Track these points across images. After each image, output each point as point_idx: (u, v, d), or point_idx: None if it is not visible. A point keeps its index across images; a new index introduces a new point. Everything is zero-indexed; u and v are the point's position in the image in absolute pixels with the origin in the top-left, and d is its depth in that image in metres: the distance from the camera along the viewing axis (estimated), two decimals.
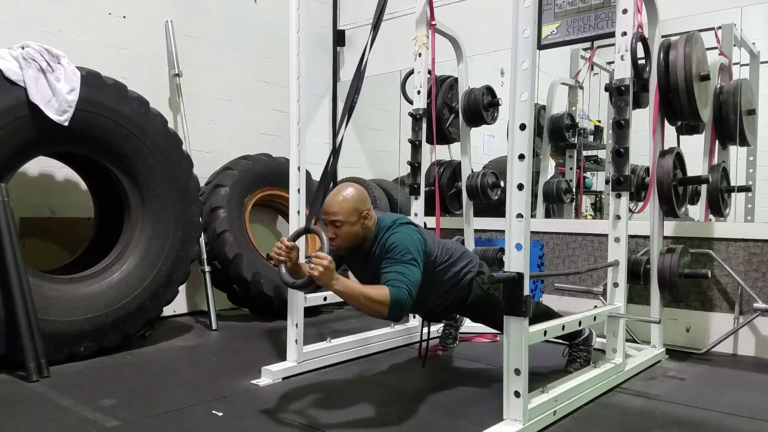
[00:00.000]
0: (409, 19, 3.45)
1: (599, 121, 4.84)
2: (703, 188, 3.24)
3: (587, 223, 4.04)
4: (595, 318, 2.48)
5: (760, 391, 2.51)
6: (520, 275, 1.82)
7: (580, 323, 2.40)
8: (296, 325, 2.63)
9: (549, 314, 2.52)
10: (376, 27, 2.26)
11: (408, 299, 2.01)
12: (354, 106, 2.17)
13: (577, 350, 2.65)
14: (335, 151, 2.14)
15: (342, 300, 3.02)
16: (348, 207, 2.15)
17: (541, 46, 3.77)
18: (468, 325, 3.19)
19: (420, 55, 3.31)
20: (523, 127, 1.83)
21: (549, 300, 3.72)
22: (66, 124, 2.71)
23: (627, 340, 2.72)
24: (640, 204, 2.98)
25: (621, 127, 2.64)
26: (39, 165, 3.26)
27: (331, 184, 2.23)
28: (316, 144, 4.94)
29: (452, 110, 3.66)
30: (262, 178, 3.97)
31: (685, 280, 2.89)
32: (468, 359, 2.96)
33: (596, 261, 3.55)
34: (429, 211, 3.48)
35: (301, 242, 2.23)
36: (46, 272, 2.90)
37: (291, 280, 2.01)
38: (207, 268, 3.60)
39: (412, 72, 3.43)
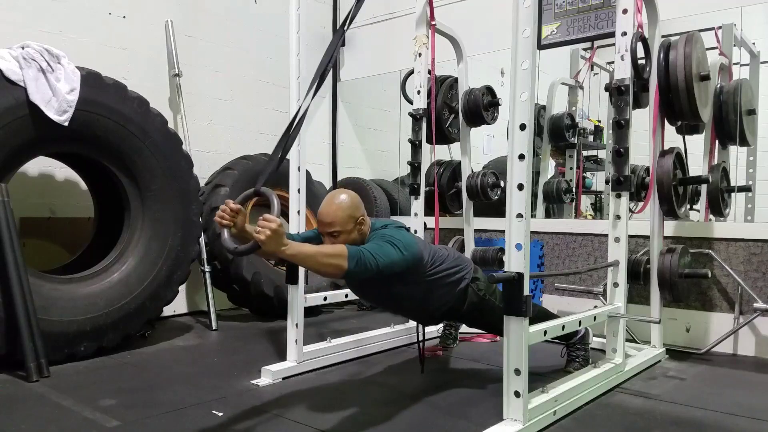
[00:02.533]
0: (409, 19, 3.45)
1: (599, 121, 4.84)
2: (703, 188, 3.24)
3: (587, 223, 4.04)
4: (595, 318, 2.48)
5: (760, 391, 2.50)
6: (520, 275, 1.82)
7: (580, 323, 2.40)
8: (296, 325, 2.64)
9: (546, 315, 2.51)
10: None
11: (370, 260, 1.93)
12: (327, 72, 2.07)
13: (575, 349, 2.65)
14: (300, 119, 2.04)
15: (342, 300, 3.07)
16: (344, 216, 2.13)
17: (541, 46, 3.76)
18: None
19: (420, 55, 3.31)
20: (523, 127, 1.83)
21: (549, 300, 3.72)
22: (66, 124, 2.71)
23: (627, 340, 2.72)
24: (640, 204, 2.98)
25: (621, 127, 2.64)
26: (39, 165, 3.27)
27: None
28: (316, 144, 4.94)
29: (452, 110, 3.66)
30: None
31: (685, 280, 2.89)
32: (468, 359, 2.96)
33: (596, 261, 3.55)
34: (429, 211, 3.47)
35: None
36: (46, 272, 2.90)
37: (233, 245, 1.82)
38: (207, 268, 3.61)
39: (412, 72, 3.43)
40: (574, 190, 4.55)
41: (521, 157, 1.83)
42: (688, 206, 3.23)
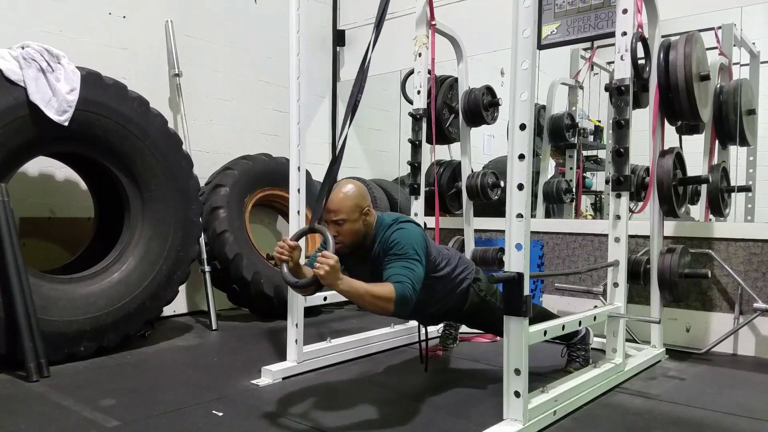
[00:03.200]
0: (409, 19, 3.45)
1: (599, 121, 4.84)
2: (703, 188, 3.24)
3: (587, 223, 4.04)
4: (595, 318, 2.48)
5: (760, 391, 2.51)
6: (520, 275, 1.82)
7: (580, 323, 2.40)
8: (296, 325, 2.63)
9: (545, 315, 2.51)
10: (378, 26, 2.26)
11: (412, 294, 2.00)
12: (357, 105, 2.16)
13: (575, 349, 2.65)
14: (341, 151, 2.13)
15: (342, 300, 3.06)
16: (350, 204, 2.14)
17: (541, 46, 3.76)
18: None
19: (420, 55, 3.31)
20: (523, 127, 1.83)
21: (549, 300, 3.73)
22: (66, 124, 2.71)
23: (627, 340, 2.72)
24: (640, 204, 2.98)
25: (621, 127, 2.64)
26: (39, 165, 3.26)
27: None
28: (316, 144, 4.94)
29: (452, 110, 3.66)
30: (262, 178, 3.97)
31: (685, 280, 2.89)
32: (468, 359, 2.96)
33: (596, 261, 3.55)
34: (429, 211, 3.48)
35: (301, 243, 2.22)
36: (46, 272, 2.90)
37: (294, 279, 1.96)
38: (207, 268, 3.60)
39: (412, 72, 3.43)
40: (574, 190, 4.55)
41: (521, 157, 1.83)
42: (689, 206, 3.23)
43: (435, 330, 3.24)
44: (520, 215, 1.83)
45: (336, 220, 2.14)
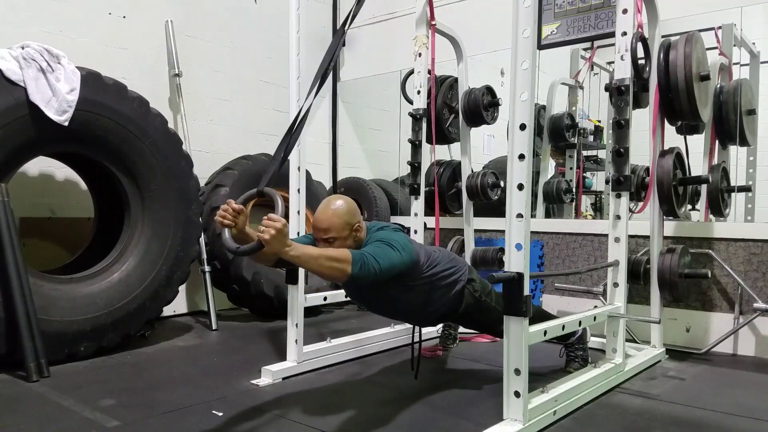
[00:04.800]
0: (409, 19, 3.45)
1: (599, 121, 4.84)
2: (703, 188, 3.23)
3: (587, 223, 4.04)
4: (595, 318, 2.48)
5: (760, 391, 2.51)
6: (520, 275, 1.82)
7: (580, 323, 2.40)
8: (296, 325, 2.63)
9: (543, 316, 2.51)
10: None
11: (373, 263, 1.92)
12: (328, 72, 2.06)
13: (574, 349, 2.65)
14: (303, 119, 2.04)
15: (342, 300, 3.06)
16: (340, 222, 2.09)
17: (541, 46, 3.77)
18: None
19: (420, 55, 3.31)
20: (523, 127, 1.83)
21: (549, 300, 3.73)
22: (66, 124, 2.71)
23: (627, 340, 2.72)
24: (640, 204, 2.98)
25: (621, 127, 2.64)
26: (39, 165, 3.26)
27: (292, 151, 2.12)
28: (316, 144, 4.94)
29: (452, 110, 3.66)
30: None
31: (685, 280, 2.89)
32: (468, 359, 2.96)
33: (596, 261, 3.55)
34: (429, 211, 3.47)
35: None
36: (46, 272, 2.90)
37: (235, 245, 1.78)
38: (207, 268, 3.61)
39: (412, 72, 3.43)
40: (574, 190, 4.55)
41: (521, 157, 1.83)
42: (689, 207, 3.23)
43: (434, 330, 3.25)
44: (520, 215, 1.83)
45: (326, 239, 2.10)
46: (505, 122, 2.81)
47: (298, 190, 2.64)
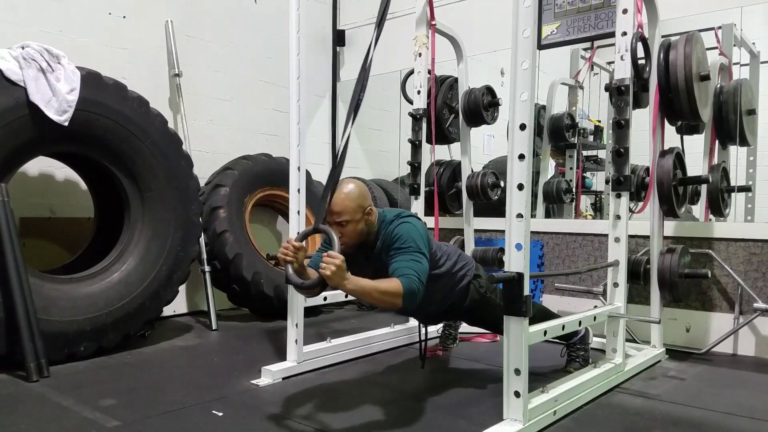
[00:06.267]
0: (409, 19, 3.45)
1: (599, 121, 4.84)
2: (703, 188, 3.23)
3: (587, 223, 4.04)
4: (595, 318, 2.48)
5: (760, 391, 2.51)
6: (520, 275, 1.82)
7: (580, 323, 2.40)
8: (296, 325, 2.63)
9: (545, 314, 2.51)
10: (380, 25, 2.25)
11: (419, 287, 2.00)
12: (360, 105, 2.14)
13: (575, 349, 2.65)
14: (344, 151, 2.11)
15: (342, 300, 3.06)
16: (352, 205, 2.14)
17: (541, 46, 3.76)
18: (467, 325, 3.19)
19: (420, 55, 3.31)
20: (523, 127, 1.83)
21: (549, 300, 3.72)
22: (66, 124, 2.71)
23: (627, 340, 2.72)
24: (640, 204, 2.98)
25: (621, 127, 2.64)
26: (39, 165, 3.26)
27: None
28: (316, 144, 4.94)
29: (452, 110, 3.66)
30: (262, 178, 3.97)
31: (685, 280, 2.89)
32: (468, 359, 2.96)
33: (596, 261, 3.55)
34: (429, 211, 3.47)
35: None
36: (46, 272, 2.90)
37: (299, 280, 1.96)
38: (207, 268, 3.60)
39: (412, 72, 3.43)
40: (574, 190, 4.55)
41: (521, 157, 1.83)
42: (690, 207, 3.23)
43: (435, 330, 3.25)
44: (520, 215, 1.83)
45: (339, 222, 2.14)
46: (505, 122, 2.81)
47: (298, 190, 2.64)
